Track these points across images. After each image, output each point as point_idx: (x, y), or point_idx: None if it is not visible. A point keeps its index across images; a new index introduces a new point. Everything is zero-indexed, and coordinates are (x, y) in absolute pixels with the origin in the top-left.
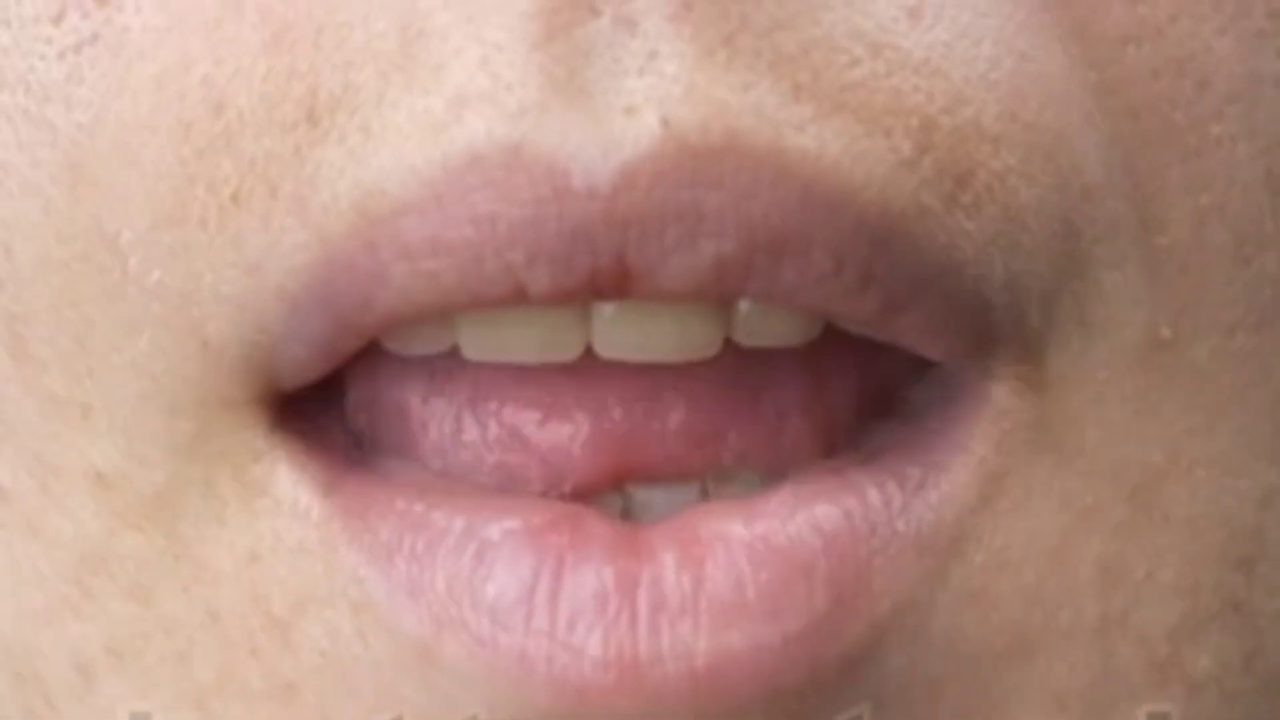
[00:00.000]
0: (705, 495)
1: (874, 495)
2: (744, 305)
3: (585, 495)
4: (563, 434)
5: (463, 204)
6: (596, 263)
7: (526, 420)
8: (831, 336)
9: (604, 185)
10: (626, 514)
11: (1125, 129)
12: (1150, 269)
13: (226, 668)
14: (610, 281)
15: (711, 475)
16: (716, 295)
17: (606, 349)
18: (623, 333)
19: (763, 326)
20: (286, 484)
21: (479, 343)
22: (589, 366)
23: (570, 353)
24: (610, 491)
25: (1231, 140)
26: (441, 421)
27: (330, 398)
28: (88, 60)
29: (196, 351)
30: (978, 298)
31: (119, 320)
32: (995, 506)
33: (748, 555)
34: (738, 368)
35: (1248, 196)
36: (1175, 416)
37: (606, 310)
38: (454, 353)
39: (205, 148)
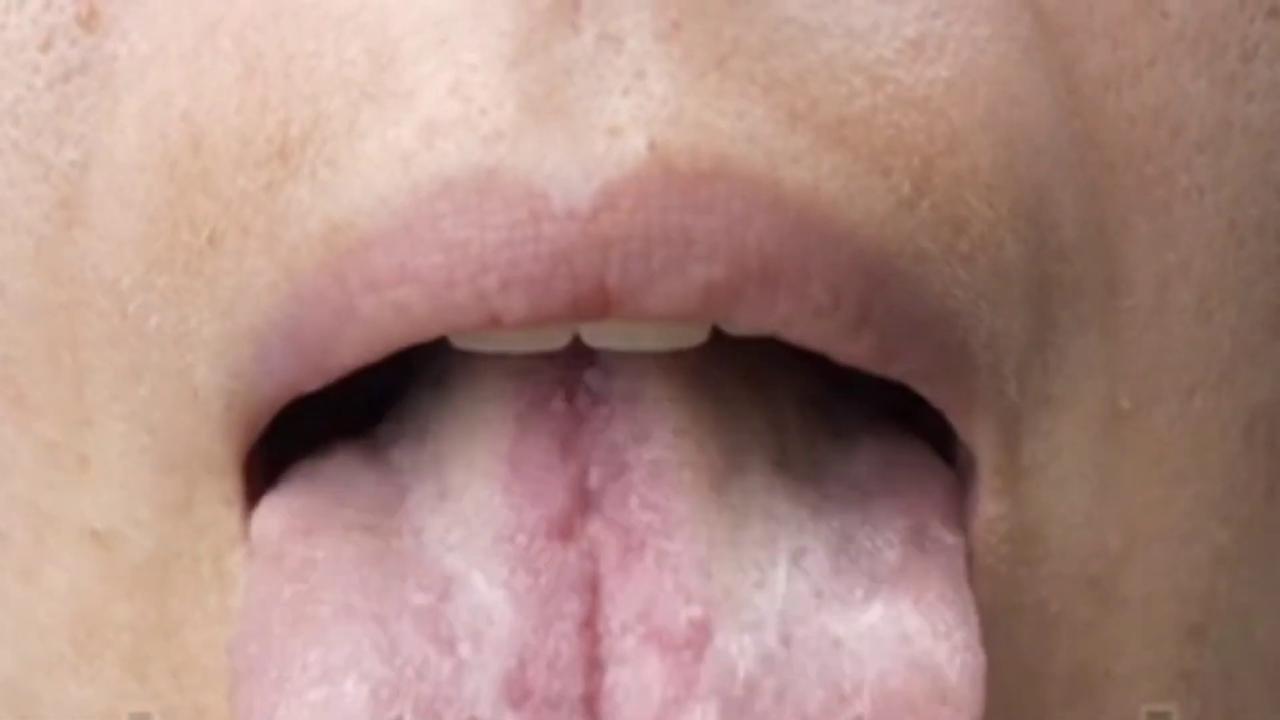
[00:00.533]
0: None
1: None
2: None
3: None
4: None
5: (433, 230)
6: (577, 288)
7: None
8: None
9: (584, 206)
10: None
11: (1102, 183)
12: (1112, 335)
13: None
14: (592, 305)
15: None
16: (704, 319)
17: (594, 339)
18: (610, 326)
19: None
20: None
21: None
22: None
23: (558, 342)
24: None
25: (1199, 192)
26: None
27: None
28: (76, 90)
29: (189, 401)
30: (964, 351)
31: (120, 368)
32: (984, 646)
33: None
34: None
35: (1211, 250)
36: (1133, 492)
37: None
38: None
39: (187, 188)
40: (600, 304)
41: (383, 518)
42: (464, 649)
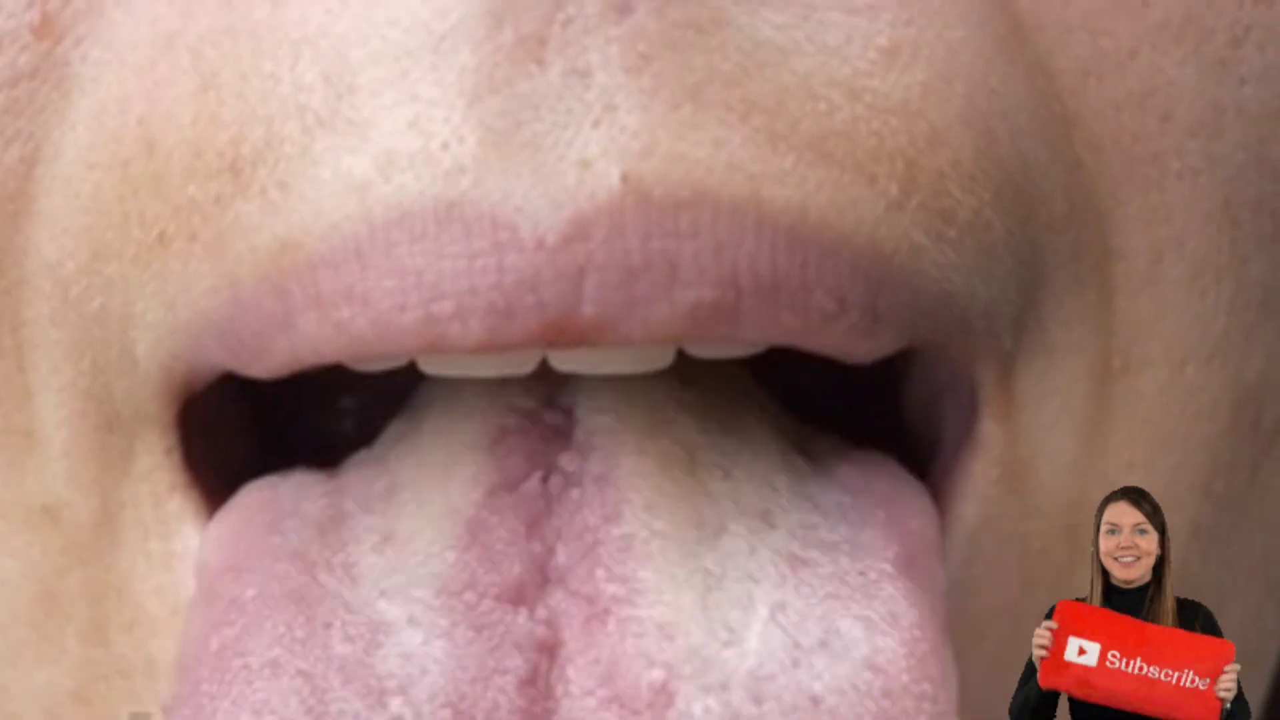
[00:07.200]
0: None
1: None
2: None
3: None
4: None
5: (386, 257)
6: (545, 315)
7: None
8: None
9: (553, 236)
10: None
11: (1089, 161)
12: (1107, 297)
13: None
14: (564, 334)
15: None
16: (696, 339)
17: (561, 364)
18: (578, 352)
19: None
20: (195, 538)
21: (436, 360)
22: None
23: (524, 368)
24: None
25: (1193, 174)
26: None
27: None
28: (25, 94)
29: (129, 369)
30: (963, 320)
31: (61, 344)
32: (972, 573)
33: None
34: None
35: (1206, 229)
36: (1118, 449)
37: None
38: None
39: (140, 188)
40: (574, 332)
41: (314, 545)
42: (395, 702)
